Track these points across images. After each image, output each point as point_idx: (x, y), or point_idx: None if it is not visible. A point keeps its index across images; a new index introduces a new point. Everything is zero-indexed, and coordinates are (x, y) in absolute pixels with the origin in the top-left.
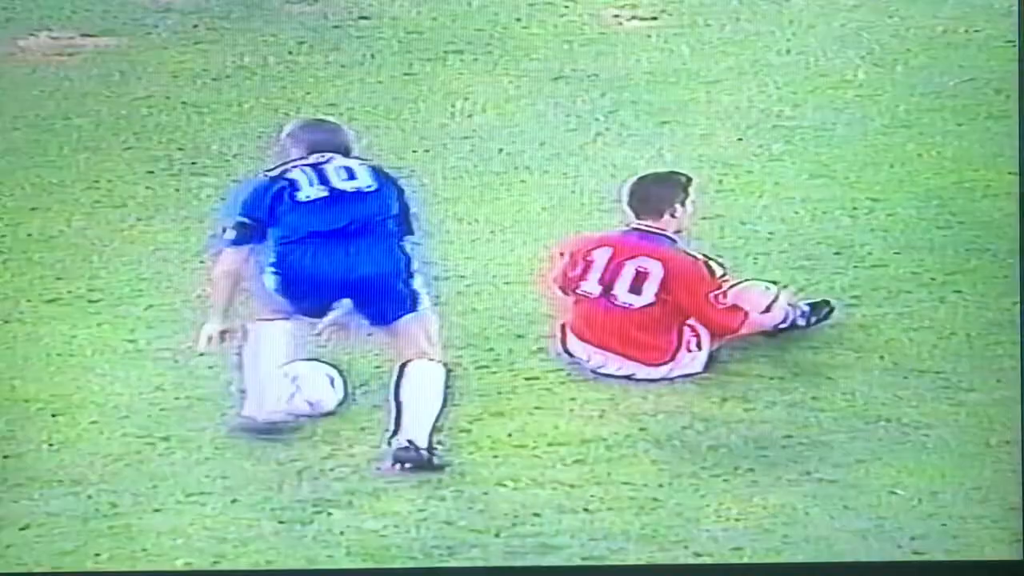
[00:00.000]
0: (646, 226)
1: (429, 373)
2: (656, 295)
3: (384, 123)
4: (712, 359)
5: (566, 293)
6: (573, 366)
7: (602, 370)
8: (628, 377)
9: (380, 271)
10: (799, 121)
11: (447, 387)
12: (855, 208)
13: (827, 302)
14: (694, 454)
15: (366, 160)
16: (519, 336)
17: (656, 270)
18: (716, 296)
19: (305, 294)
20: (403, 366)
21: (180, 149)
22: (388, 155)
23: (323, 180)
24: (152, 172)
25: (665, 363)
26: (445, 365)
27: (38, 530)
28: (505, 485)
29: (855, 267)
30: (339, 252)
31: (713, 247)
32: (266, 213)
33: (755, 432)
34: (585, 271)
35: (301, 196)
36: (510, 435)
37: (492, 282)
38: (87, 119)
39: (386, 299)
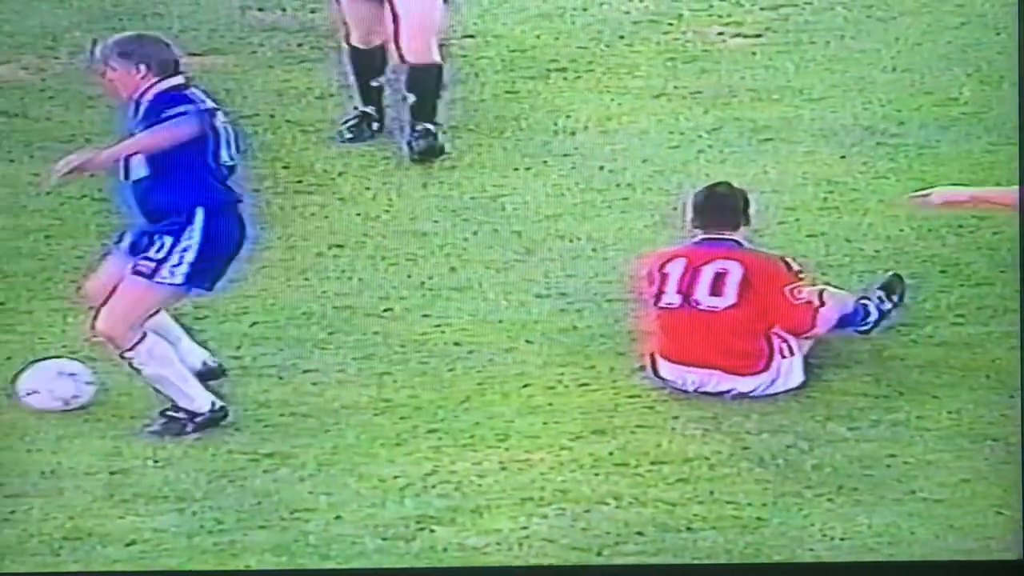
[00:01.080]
0: (717, 235)
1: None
2: (738, 295)
3: (487, 141)
4: (812, 372)
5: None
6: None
7: (702, 390)
8: (728, 392)
9: (243, 239)
10: (904, 139)
11: None
12: (960, 226)
13: (897, 276)
14: (798, 473)
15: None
16: (620, 354)
17: (735, 269)
18: (792, 290)
19: (218, 267)
20: None
21: (285, 167)
22: (491, 173)
23: (235, 143)
24: (257, 190)
25: (762, 371)
26: None
27: (143, 546)
28: (607, 503)
29: (961, 285)
30: (230, 222)
31: (818, 265)
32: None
33: (859, 451)
34: (663, 284)
35: (224, 157)
36: (612, 453)
37: (594, 300)
38: None
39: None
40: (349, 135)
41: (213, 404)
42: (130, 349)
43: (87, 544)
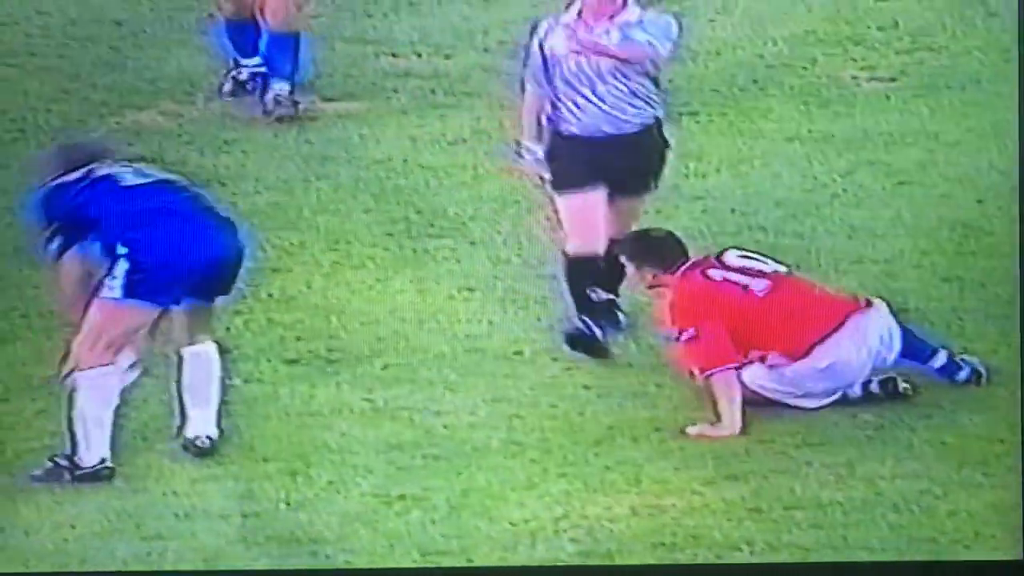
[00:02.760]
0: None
1: (208, 354)
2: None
3: None
4: (947, 418)
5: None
6: (809, 427)
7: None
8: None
9: (225, 251)
10: None
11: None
12: None
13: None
14: (933, 519)
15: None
16: None
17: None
18: None
19: (163, 281)
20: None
21: (418, 212)
22: None
23: (140, 172)
24: (391, 234)
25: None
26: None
27: None
28: (740, 549)
29: None
30: (186, 232)
31: (953, 310)
32: (85, 211)
33: (995, 497)
34: (735, 277)
35: (128, 182)
36: (744, 498)
37: None
38: (327, 182)
39: (224, 278)
40: (578, 348)
41: (102, 460)
42: (83, 370)
43: None
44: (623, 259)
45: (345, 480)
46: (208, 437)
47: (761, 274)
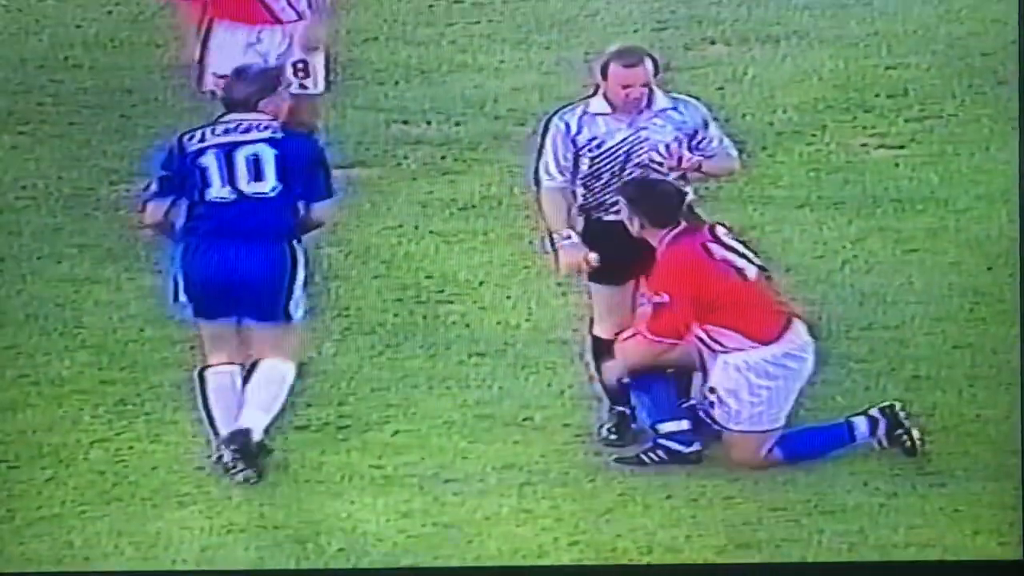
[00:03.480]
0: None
1: (280, 369)
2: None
3: None
4: (958, 483)
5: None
6: (821, 495)
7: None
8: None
9: (270, 275)
10: None
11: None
12: None
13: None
14: None
15: (272, 122)
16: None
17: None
18: None
19: (201, 296)
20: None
21: (428, 277)
22: None
23: (232, 177)
24: (400, 300)
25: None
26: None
27: None
28: None
29: None
30: (234, 254)
31: (965, 376)
32: (174, 181)
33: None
34: (743, 261)
35: (211, 194)
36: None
37: None
38: (338, 248)
39: (269, 300)
40: (613, 437)
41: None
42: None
43: None
44: (622, 199)
45: (355, 548)
46: (245, 435)
47: (749, 261)
